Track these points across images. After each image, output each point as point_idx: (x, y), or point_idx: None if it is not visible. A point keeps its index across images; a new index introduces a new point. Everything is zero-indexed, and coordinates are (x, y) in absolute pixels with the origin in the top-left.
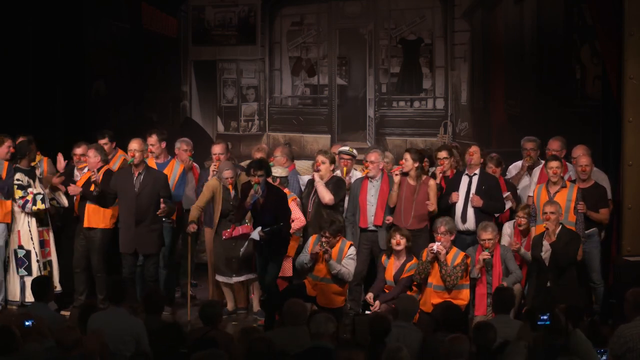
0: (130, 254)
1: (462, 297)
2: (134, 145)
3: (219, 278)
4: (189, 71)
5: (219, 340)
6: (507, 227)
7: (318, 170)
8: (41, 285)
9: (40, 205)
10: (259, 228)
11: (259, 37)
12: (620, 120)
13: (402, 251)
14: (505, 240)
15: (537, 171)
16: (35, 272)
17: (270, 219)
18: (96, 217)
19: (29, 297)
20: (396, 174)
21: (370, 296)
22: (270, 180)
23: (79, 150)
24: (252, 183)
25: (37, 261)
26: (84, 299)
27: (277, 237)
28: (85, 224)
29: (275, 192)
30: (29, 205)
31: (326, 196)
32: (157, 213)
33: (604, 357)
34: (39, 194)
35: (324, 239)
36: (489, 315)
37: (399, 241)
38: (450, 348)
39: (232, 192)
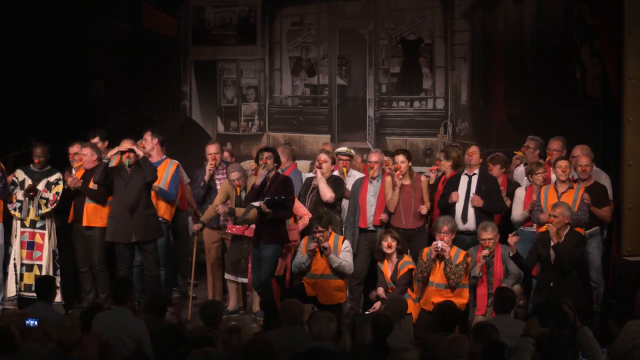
0: (127, 249)
1: (464, 296)
2: (128, 145)
3: (229, 277)
4: (189, 71)
5: (218, 340)
6: (520, 193)
7: (320, 167)
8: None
9: (16, 214)
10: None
11: (259, 37)
12: (620, 120)
13: (393, 253)
14: (517, 205)
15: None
16: (10, 270)
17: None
18: (95, 216)
19: (8, 293)
20: (400, 179)
21: (381, 291)
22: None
23: (73, 149)
24: (261, 163)
25: (14, 259)
26: (92, 298)
27: (277, 213)
28: (85, 223)
29: (281, 178)
30: (10, 206)
31: (327, 193)
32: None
33: None
34: (19, 201)
35: (318, 234)
36: (488, 316)
37: (390, 244)
38: (450, 348)
39: (241, 194)
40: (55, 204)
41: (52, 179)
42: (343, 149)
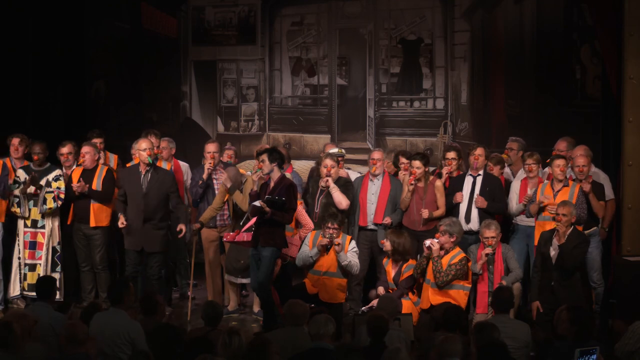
0: (136, 252)
1: (458, 298)
2: (147, 144)
3: (229, 277)
4: (189, 71)
5: (217, 341)
6: (515, 186)
7: (330, 175)
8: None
9: (16, 209)
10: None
11: (259, 37)
12: (620, 120)
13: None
14: (512, 198)
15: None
16: (14, 269)
17: None
18: (100, 216)
19: (12, 292)
20: (412, 184)
21: (381, 290)
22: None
23: (65, 150)
24: (257, 169)
25: (18, 258)
26: (93, 297)
27: (276, 215)
28: (92, 224)
29: (286, 183)
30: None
31: (343, 202)
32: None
33: (594, 357)
34: (16, 196)
35: (331, 231)
36: (489, 314)
37: (383, 242)
38: (442, 348)
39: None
40: (62, 201)
41: (51, 176)
42: (334, 150)
